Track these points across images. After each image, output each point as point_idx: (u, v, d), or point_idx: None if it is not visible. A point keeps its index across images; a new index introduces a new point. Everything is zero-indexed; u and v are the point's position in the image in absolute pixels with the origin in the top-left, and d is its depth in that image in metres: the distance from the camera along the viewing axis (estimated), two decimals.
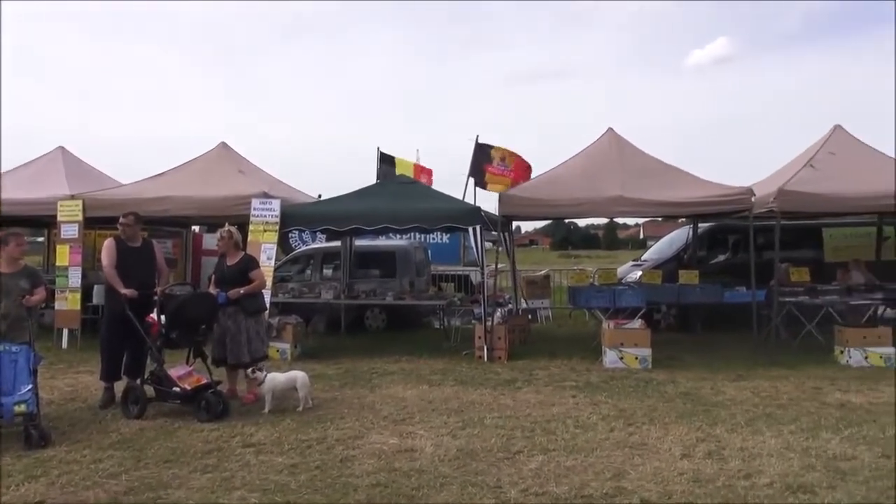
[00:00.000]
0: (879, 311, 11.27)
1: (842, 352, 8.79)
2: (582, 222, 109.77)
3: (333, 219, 10.00)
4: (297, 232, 15.58)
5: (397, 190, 10.58)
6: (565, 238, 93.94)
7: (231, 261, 7.18)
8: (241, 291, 6.94)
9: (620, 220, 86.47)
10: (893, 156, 10.05)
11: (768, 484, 4.51)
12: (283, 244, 15.05)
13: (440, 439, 5.58)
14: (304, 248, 15.33)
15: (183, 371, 6.49)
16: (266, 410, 6.47)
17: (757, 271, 9.44)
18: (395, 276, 12.77)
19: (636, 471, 4.81)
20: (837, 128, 10.37)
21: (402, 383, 7.85)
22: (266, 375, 6.56)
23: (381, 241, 14.06)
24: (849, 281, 10.48)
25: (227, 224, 7.42)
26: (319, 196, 12.61)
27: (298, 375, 6.67)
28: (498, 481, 4.63)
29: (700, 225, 12.50)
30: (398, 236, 13.72)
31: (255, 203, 9.86)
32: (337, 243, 12.85)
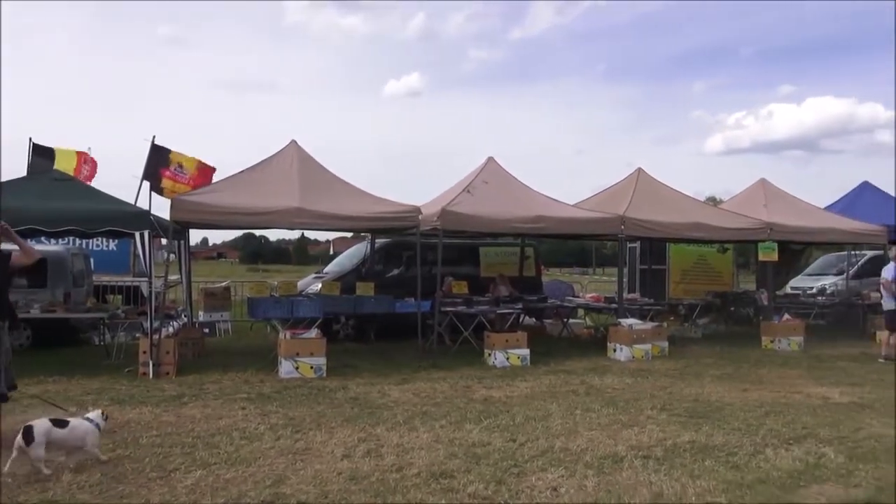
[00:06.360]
0: (521, 319, 13.17)
1: (489, 354, 10.04)
2: (273, 237, 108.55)
3: None
4: None
5: (50, 187, 9.24)
6: (256, 252, 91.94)
7: None
8: None
9: (311, 236, 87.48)
10: (534, 187, 11.95)
11: (416, 474, 4.92)
12: None
13: (82, 465, 4.99)
14: None
15: None
16: None
17: (427, 284, 10.33)
18: (45, 285, 11.15)
19: (297, 475, 4.87)
20: (490, 159, 11.94)
21: (41, 408, 6.82)
22: None
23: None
24: (497, 293, 12.04)
25: None
26: None
27: None
28: (147, 503, 4.29)
29: (378, 240, 13.26)
30: (50, 240, 12.02)
31: None
32: None
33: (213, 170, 14.50)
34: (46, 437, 4.79)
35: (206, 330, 12.42)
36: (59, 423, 4.92)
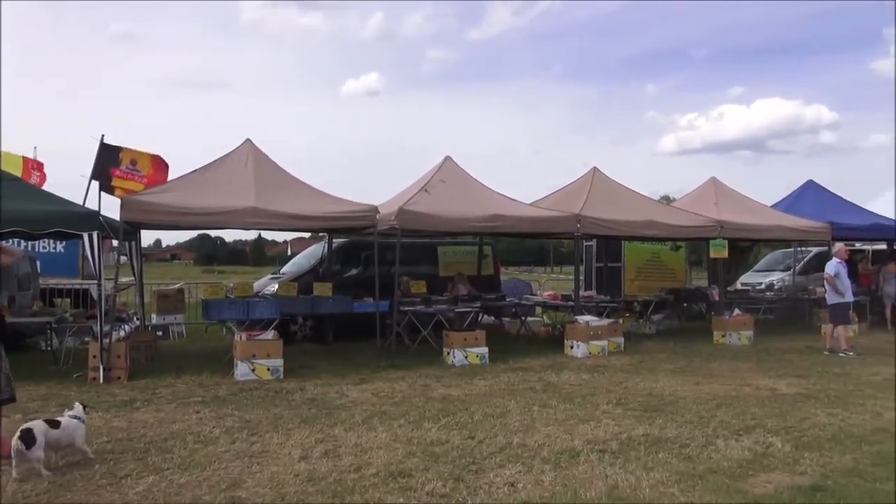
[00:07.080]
0: (480, 317, 13.23)
1: (448, 353, 10.06)
2: (229, 237, 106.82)
3: None
4: None
5: None
6: (211, 253, 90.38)
7: None
8: None
9: (268, 237, 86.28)
10: (492, 187, 12.01)
11: (374, 474, 4.91)
12: None
13: (27, 475, 4.82)
14: None
15: None
16: None
17: (385, 284, 10.29)
18: None
19: (253, 478, 4.81)
20: (447, 159, 11.94)
21: None
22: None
23: None
24: (455, 292, 12.08)
25: None
26: None
27: None
28: None
29: (336, 240, 13.16)
30: None
31: None
32: None
33: (168, 166, 14.27)
34: (45, 437, 4.78)
35: (160, 333, 12.16)
36: (53, 424, 4.93)
